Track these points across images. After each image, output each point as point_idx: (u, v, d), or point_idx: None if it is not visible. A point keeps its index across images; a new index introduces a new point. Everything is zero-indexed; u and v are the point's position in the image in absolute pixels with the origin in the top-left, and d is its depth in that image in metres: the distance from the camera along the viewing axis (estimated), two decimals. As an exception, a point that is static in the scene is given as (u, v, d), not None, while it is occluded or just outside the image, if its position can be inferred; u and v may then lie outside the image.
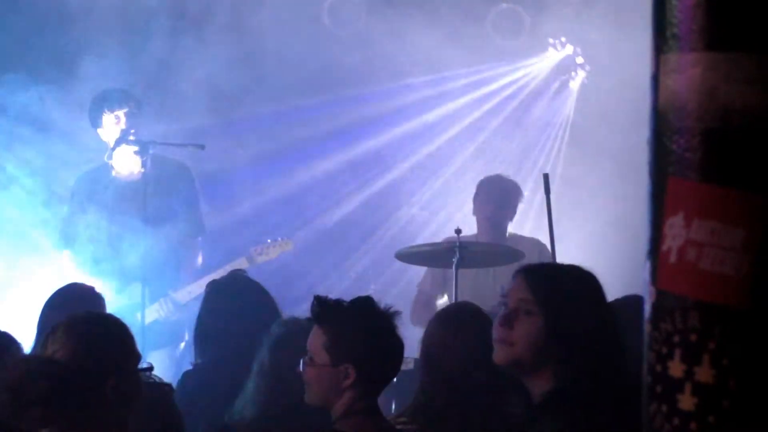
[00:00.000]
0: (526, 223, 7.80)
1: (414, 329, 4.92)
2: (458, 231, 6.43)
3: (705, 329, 1.59)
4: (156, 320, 7.06)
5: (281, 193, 8.79)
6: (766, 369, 1.58)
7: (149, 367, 3.47)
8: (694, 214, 1.61)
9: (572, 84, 9.01)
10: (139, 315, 6.68)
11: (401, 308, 3.88)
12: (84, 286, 5.42)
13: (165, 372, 6.11)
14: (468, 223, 7.26)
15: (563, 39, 8.89)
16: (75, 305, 4.88)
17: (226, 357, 4.82)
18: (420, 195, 9.05)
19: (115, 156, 7.12)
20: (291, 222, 8.36)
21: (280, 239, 7.38)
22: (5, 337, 4.34)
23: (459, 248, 6.35)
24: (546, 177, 6.44)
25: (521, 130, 9.11)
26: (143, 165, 6.89)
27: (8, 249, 7.44)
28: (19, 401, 2.91)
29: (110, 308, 5.47)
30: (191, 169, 7.44)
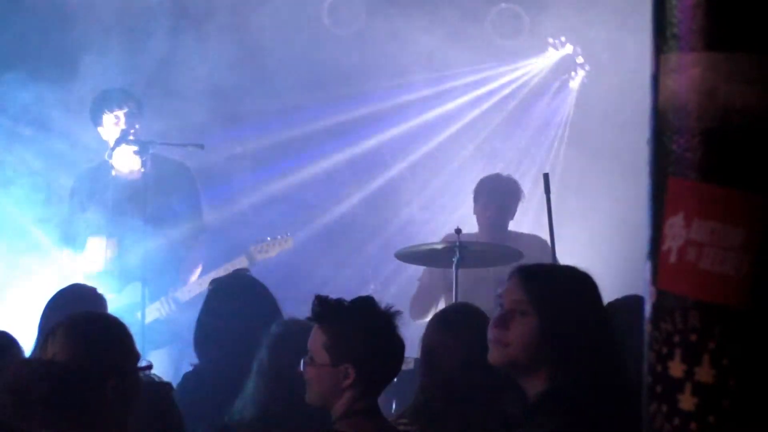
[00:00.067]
0: (526, 223, 7.79)
1: (414, 329, 4.92)
2: (458, 231, 6.43)
3: (705, 329, 1.59)
4: (156, 320, 7.06)
5: (281, 193, 8.79)
6: (766, 369, 1.58)
7: (148, 366, 3.46)
8: (694, 214, 1.61)
9: (572, 83, 9.01)
10: (139, 315, 6.68)
11: (401, 308, 3.88)
12: (85, 287, 5.40)
13: (165, 371, 6.10)
14: (468, 223, 7.25)
15: (563, 39, 8.89)
16: (76, 306, 4.87)
17: (227, 358, 4.79)
18: (420, 195, 9.04)
19: (115, 156, 7.12)
20: (291, 221, 8.35)
21: (280, 237, 7.37)
22: (5, 338, 4.33)
23: (459, 248, 6.35)
24: (546, 176, 6.43)
25: (521, 130, 9.11)
26: (143, 165, 6.89)
27: (8, 248, 7.43)
28: (21, 403, 2.91)
29: (110, 308, 5.46)
30: (191, 169, 7.44)
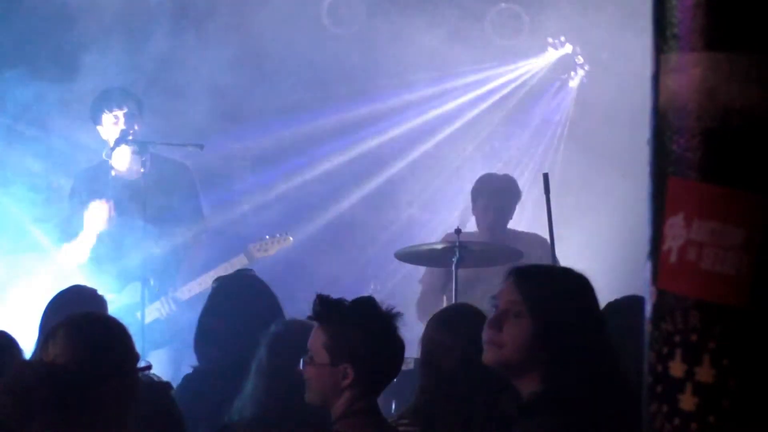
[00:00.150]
0: (526, 223, 7.79)
1: (414, 329, 4.92)
2: (458, 230, 6.43)
3: (705, 329, 1.59)
4: (156, 320, 7.06)
5: (281, 192, 8.78)
6: (767, 369, 1.58)
7: (147, 366, 3.46)
8: (694, 214, 1.61)
9: (572, 83, 9.00)
10: (139, 315, 6.67)
11: (401, 308, 3.87)
12: (86, 288, 5.38)
13: (164, 371, 6.10)
14: (468, 223, 7.25)
15: (562, 38, 8.89)
16: (77, 307, 4.86)
17: (227, 357, 4.76)
18: (420, 194, 9.04)
19: (115, 156, 7.12)
20: (291, 221, 8.35)
21: (279, 235, 7.36)
22: (4, 337, 4.32)
23: (459, 248, 6.35)
24: (546, 176, 6.42)
25: (521, 130, 9.11)
26: (143, 165, 6.89)
27: (7, 248, 7.42)
28: (23, 405, 2.91)
29: (110, 308, 5.45)
30: (191, 169, 7.44)
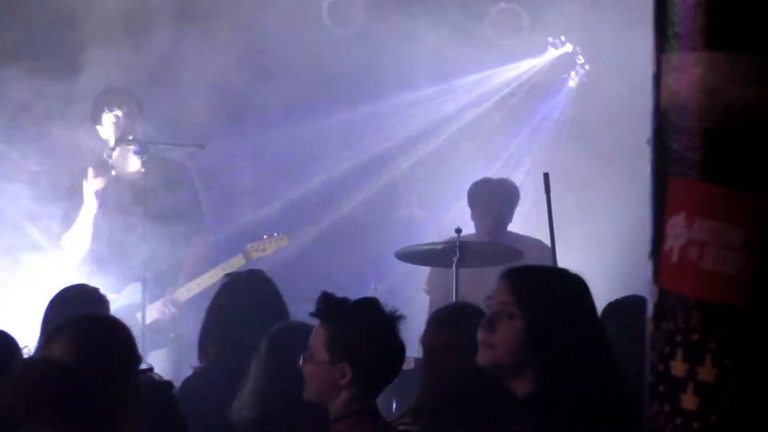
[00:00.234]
0: (527, 223, 7.78)
1: (415, 328, 4.91)
2: (458, 230, 6.42)
3: (707, 329, 1.59)
4: (156, 320, 7.06)
5: (282, 192, 8.78)
6: (768, 368, 1.58)
7: (149, 369, 3.47)
8: (696, 214, 1.62)
9: (572, 82, 9.00)
10: (139, 315, 6.68)
11: (401, 307, 3.87)
12: (89, 288, 5.38)
13: (165, 372, 6.10)
14: (468, 222, 7.25)
15: (563, 38, 8.89)
16: (79, 305, 4.87)
17: (231, 358, 4.72)
18: (420, 194, 9.03)
19: (115, 156, 7.12)
20: (291, 221, 8.34)
21: (276, 235, 7.36)
22: (4, 337, 4.32)
23: (459, 247, 6.34)
24: (546, 176, 6.42)
25: (522, 129, 9.10)
26: (143, 165, 6.89)
27: (8, 246, 7.42)
28: (29, 404, 2.92)
29: (111, 308, 5.44)
30: (191, 169, 7.44)
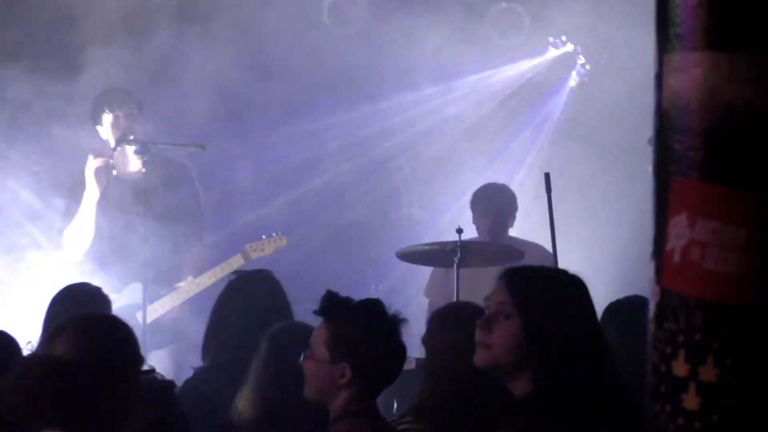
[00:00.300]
0: (528, 223, 7.78)
1: (414, 329, 4.91)
2: (460, 230, 6.42)
3: (709, 329, 1.59)
4: (156, 320, 7.06)
5: (282, 192, 8.79)
6: (770, 368, 1.58)
7: (151, 370, 3.47)
8: (698, 214, 1.62)
9: (573, 82, 9.01)
10: (140, 315, 6.68)
11: (402, 308, 3.87)
12: (91, 287, 5.37)
13: (165, 371, 6.09)
14: (469, 222, 7.25)
15: (564, 38, 8.89)
16: (81, 304, 4.88)
17: (235, 358, 4.71)
18: (421, 194, 9.03)
19: (116, 156, 7.13)
20: (292, 221, 8.34)
21: (275, 235, 7.37)
22: (4, 337, 4.32)
23: (460, 248, 6.34)
24: (547, 176, 6.42)
25: (523, 129, 9.11)
26: (144, 165, 6.89)
27: (10, 245, 7.42)
28: (35, 402, 2.92)
29: (112, 307, 5.44)
30: (192, 169, 7.45)
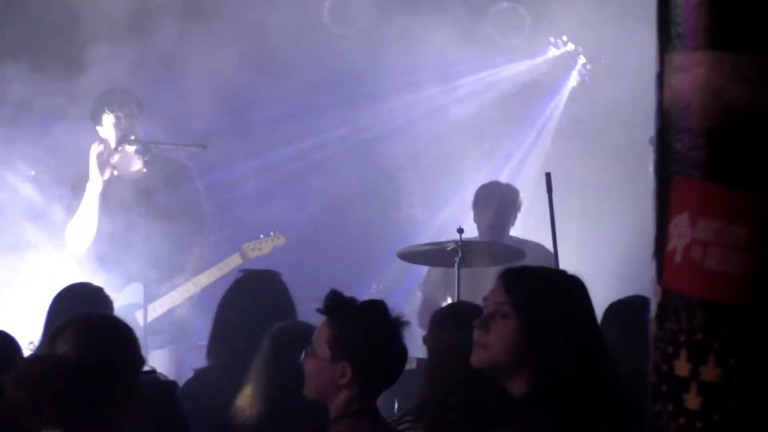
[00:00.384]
0: (529, 223, 7.78)
1: (414, 328, 4.92)
2: (461, 230, 6.41)
3: (710, 328, 1.59)
4: (156, 319, 7.06)
5: (284, 192, 8.79)
6: (772, 368, 1.58)
7: (152, 371, 3.48)
8: (699, 214, 1.62)
9: (575, 82, 9.01)
10: (139, 314, 6.68)
11: (404, 307, 3.88)
12: (92, 287, 5.38)
13: (166, 371, 6.09)
14: (470, 222, 7.25)
15: (565, 38, 8.89)
16: (83, 304, 4.88)
17: (239, 358, 4.71)
18: (422, 194, 9.03)
19: (117, 156, 7.13)
20: (293, 220, 8.35)
21: (273, 234, 7.36)
22: (4, 337, 4.32)
23: (461, 247, 6.34)
24: (548, 176, 6.42)
25: (523, 128, 9.11)
26: (145, 165, 6.89)
27: (11, 244, 7.42)
28: (37, 401, 2.93)
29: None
30: (193, 169, 7.45)
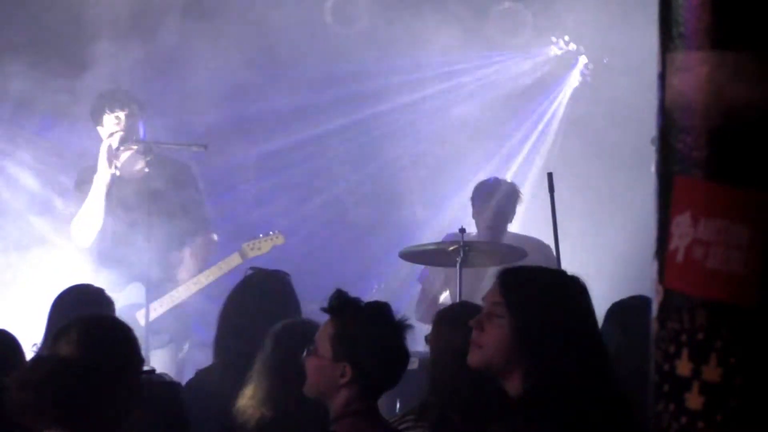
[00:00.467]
0: (529, 222, 7.78)
1: (418, 328, 4.92)
2: (462, 230, 6.41)
3: (712, 328, 1.59)
4: (157, 319, 7.06)
5: (285, 191, 8.79)
6: (773, 368, 1.58)
7: (151, 370, 3.49)
8: (701, 213, 1.62)
9: (576, 81, 9.00)
10: (141, 314, 6.68)
11: (405, 307, 3.88)
12: (93, 288, 5.38)
13: (166, 371, 6.09)
14: (471, 222, 7.25)
15: (566, 37, 8.89)
16: (84, 305, 4.88)
17: (236, 358, 4.71)
18: (423, 193, 9.03)
19: (119, 156, 7.12)
20: (295, 220, 8.35)
21: (272, 233, 7.36)
22: (5, 336, 4.32)
23: (463, 247, 6.34)
24: (550, 176, 6.42)
25: (525, 128, 9.10)
26: (147, 165, 6.90)
27: (14, 241, 7.43)
28: (40, 402, 2.93)
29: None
30: (194, 168, 7.45)
